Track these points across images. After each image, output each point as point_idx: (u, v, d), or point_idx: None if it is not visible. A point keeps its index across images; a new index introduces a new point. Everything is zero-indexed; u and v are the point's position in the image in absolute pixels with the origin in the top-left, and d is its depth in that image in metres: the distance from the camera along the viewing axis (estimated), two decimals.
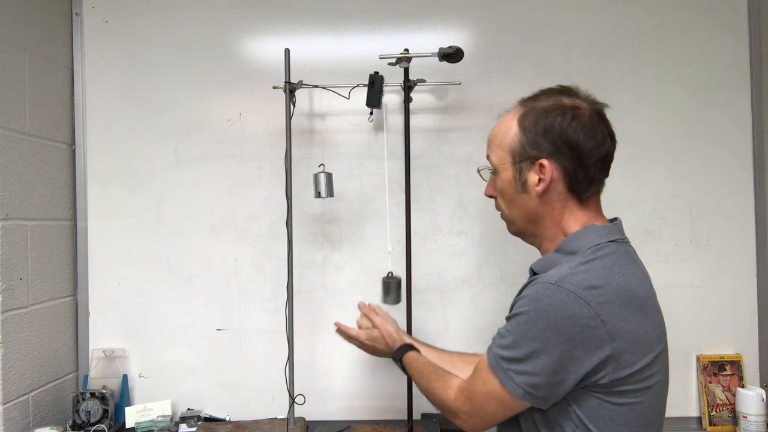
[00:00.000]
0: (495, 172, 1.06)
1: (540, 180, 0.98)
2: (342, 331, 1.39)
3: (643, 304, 0.92)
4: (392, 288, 1.50)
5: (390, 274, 1.52)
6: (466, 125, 1.72)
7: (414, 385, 1.53)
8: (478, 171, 1.14)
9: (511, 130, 1.01)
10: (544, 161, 0.97)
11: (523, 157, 0.99)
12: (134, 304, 1.75)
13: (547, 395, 0.92)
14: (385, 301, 1.51)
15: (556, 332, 0.88)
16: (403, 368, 1.27)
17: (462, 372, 1.16)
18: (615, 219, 1.05)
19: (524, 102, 1.03)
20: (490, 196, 1.10)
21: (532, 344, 0.89)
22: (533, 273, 1.03)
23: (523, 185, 1.01)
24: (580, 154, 0.96)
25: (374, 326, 1.35)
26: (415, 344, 1.32)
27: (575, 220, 1.00)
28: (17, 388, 1.50)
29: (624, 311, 0.89)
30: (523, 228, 1.06)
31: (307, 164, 1.70)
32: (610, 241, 0.97)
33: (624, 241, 1.01)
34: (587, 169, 0.97)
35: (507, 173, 1.02)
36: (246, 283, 1.75)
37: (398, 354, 1.28)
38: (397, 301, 1.52)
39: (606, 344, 0.88)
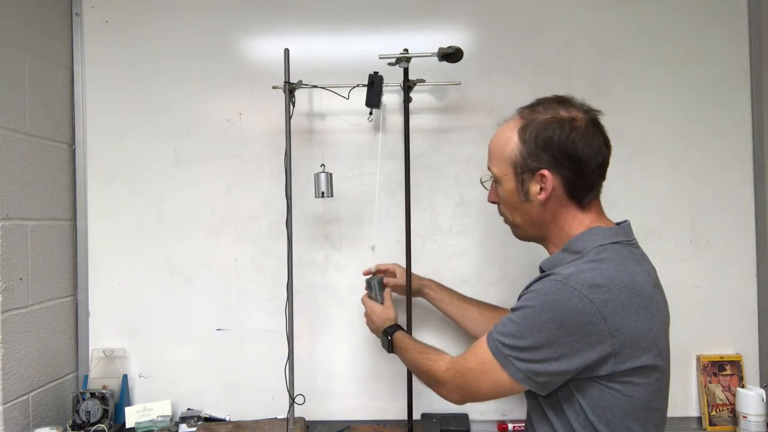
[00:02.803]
0: (497, 181, 1.13)
1: (541, 189, 1.05)
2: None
3: (647, 302, 0.96)
4: (374, 286, 1.51)
5: (373, 274, 1.54)
6: (465, 125, 1.72)
7: (414, 385, 1.55)
8: (482, 182, 1.21)
9: (511, 142, 1.07)
10: (545, 172, 1.03)
11: (525, 168, 1.06)
12: (134, 304, 1.75)
13: (545, 382, 0.99)
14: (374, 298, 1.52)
15: (560, 326, 0.94)
16: (391, 344, 1.34)
17: (476, 322, 1.47)
18: (624, 221, 1.09)
19: (522, 112, 1.09)
20: (494, 202, 1.18)
21: (536, 335, 0.96)
22: (541, 271, 1.09)
23: (526, 194, 1.07)
24: (578, 164, 1.02)
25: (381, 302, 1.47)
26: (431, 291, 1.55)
27: (579, 223, 1.07)
28: (17, 388, 1.50)
29: (627, 309, 0.93)
30: (528, 233, 1.14)
31: (307, 164, 1.70)
32: (614, 243, 1.02)
33: (630, 242, 1.05)
34: (586, 177, 1.04)
35: (509, 183, 1.09)
36: (246, 283, 1.75)
37: (390, 330, 1.36)
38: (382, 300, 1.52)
39: (606, 340, 0.93)
